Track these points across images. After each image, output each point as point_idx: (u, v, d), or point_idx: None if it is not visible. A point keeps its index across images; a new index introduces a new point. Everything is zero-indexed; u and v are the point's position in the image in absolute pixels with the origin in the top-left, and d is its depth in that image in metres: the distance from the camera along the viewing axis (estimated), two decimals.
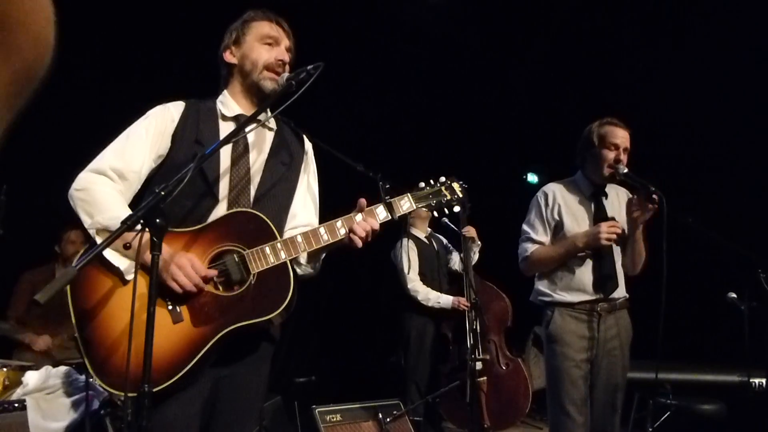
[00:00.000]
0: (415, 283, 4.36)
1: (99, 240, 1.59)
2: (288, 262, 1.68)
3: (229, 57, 1.89)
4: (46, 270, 3.97)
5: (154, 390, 1.40)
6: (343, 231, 1.74)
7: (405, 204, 1.84)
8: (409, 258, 4.34)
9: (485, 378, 4.14)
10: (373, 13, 4.75)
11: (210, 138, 1.76)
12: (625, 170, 2.72)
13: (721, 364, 4.18)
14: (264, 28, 1.88)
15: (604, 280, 2.75)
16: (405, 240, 4.37)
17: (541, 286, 2.89)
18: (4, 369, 2.86)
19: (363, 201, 1.78)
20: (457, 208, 1.92)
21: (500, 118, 6.08)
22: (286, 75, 1.81)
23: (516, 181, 6.78)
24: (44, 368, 2.85)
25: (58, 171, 2.02)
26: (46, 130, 4.05)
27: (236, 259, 1.65)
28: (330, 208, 1.99)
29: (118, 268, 1.59)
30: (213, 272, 1.62)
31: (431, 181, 1.92)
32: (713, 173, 4.85)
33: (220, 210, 1.73)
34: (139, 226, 1.40)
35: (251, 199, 1.77)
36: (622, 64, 5.12)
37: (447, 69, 5.55)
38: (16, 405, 2.62)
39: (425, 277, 4.45)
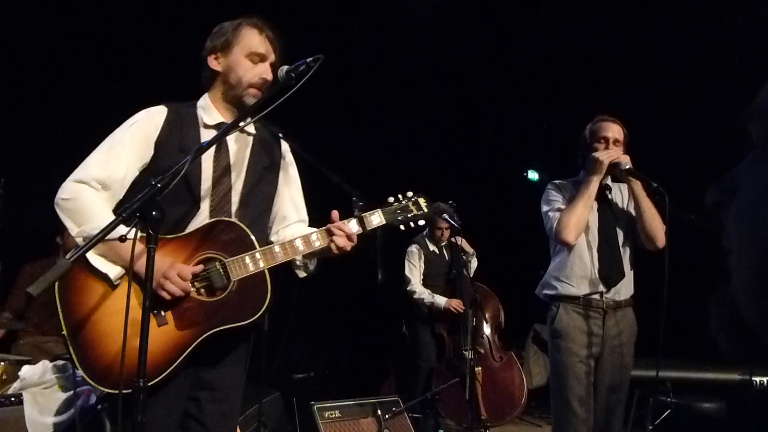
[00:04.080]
0: (413, 285, 4.59)
1: None
2: (266, 270, 1.75)
3: (213, 63, 1.86)
4: (48, 262, 3.94)
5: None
6: (318, 243, 1.81)
7: (375, 219, 1.92)
8: (413, 263, 4.64)
9: (480, 369, 4.29)
10: (371, 9, 4.72)
11: (193, 146, 1.70)
12: (627, 166, 2.70)
13: (722, 363, 4.16)
14: (254, 41, 1.84)
15: (609, 268, 2.72)
16: (412, 246, 4.67)
17: (548, 276, 2.86)
18: (1, 363, 2.85)
19: (335, 213, 1.85)
20: (422, 222, 1.99)
21: (501, 114, 6.06)
22: (285, 68, 1.76)
23: (517, 178, 6.77)
24: (41, 363, 2.84)
25: (58, 163, 2.01)
26: (45, 123, 4.05)
27: (218, 267, 1.70)
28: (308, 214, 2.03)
29: (105, 275, 1.62)
30: (198, 268, 1.68)
31: (399, 197, 1.99)
32: (714, 170, 4.81)
33: (202, 217, 1.75)
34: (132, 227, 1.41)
35: (233, 206, 1.79)
36: (622, 61, 5.09)
37: (447, 65, 5.52)
38: (13, 399, 2.62)
39: (428, 279, 4.64)
